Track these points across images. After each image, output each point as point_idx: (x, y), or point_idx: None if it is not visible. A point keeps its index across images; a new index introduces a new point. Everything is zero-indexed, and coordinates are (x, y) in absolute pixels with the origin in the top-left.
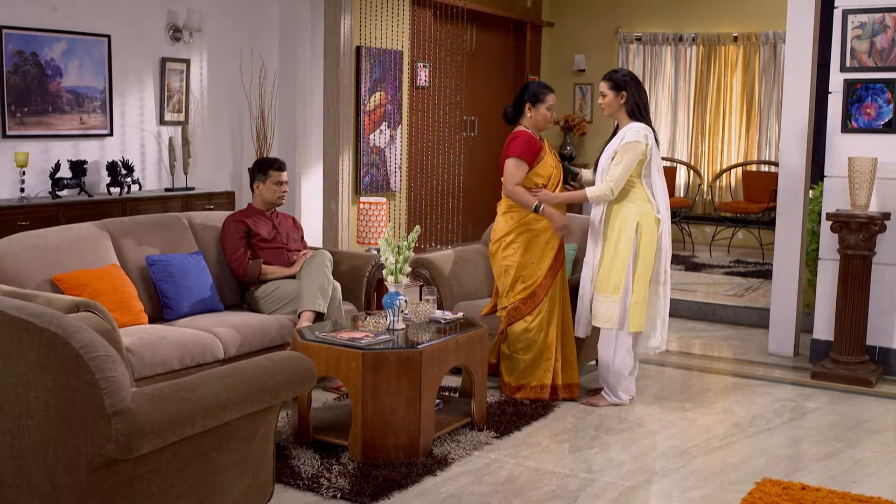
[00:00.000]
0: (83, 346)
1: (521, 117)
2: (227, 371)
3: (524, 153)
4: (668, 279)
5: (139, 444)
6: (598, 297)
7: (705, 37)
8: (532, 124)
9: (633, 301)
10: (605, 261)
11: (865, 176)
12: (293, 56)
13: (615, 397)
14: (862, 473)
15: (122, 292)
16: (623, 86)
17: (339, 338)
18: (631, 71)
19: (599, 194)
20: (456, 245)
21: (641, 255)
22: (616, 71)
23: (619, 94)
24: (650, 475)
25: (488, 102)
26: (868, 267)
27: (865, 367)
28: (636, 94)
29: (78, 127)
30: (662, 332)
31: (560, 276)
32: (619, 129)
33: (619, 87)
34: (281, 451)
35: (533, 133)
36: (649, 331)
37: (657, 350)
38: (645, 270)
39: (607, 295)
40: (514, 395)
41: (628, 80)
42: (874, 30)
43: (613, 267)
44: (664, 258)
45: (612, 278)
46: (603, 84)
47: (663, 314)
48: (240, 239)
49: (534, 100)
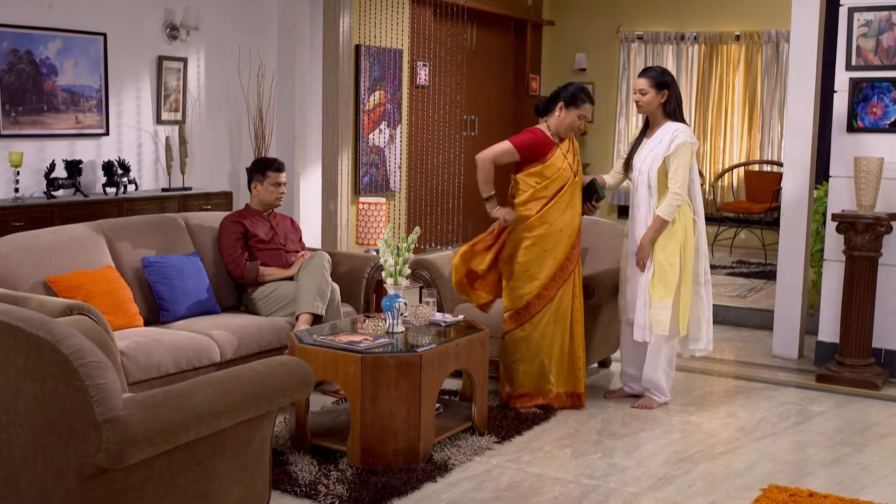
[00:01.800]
0: (73, 352)
1: (549, 114)
2: (221, 377)
3: (523, 148)
4: (708, 279)
5: (130, 453)
6: (652, 304)
7: (707, 35)
8: (556, 125)
9: (680, 304)
10: (657, 264)
11: (872, 176)
12: (292, 55)
13: (665, 396)
14: (870, 479)
15: (117, 294)
16: (665, 84)
17: (338, 341)
18: (667, 69)
19: (671, 210)
20: (456, 246)
21: (684, 257)
22: (652, 68)
23: (661, 92)
24: (654, 481)
25: (488, 102)
26: (874, 268)
27: (871, 370)
28: (677, 93)
29: (73, 126)
30: (708, 333)
31: (570, 284)
32: (650, 128)
33: (662, 86)
34: (278, 457)
35: (550, 135)
36: (695, 333)
37: (704, 352)
38: (688, 273)
39: (657, 301)
40: (513, 404)
41: (670, 79)
42: (880, 28)
43: (664, 271)
44: (703, 259)
45: (665, 283)
46: (642, 81)
47: (707, 315)
48: (237, 240)
49: (569, 101)
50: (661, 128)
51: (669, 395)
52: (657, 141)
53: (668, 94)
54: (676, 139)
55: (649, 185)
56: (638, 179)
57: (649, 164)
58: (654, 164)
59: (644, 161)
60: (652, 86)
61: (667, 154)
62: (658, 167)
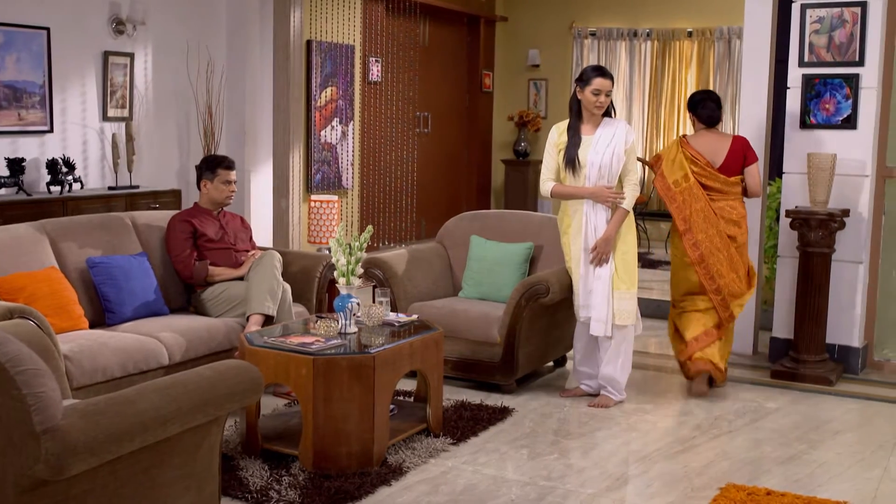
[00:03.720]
0: (9, 359)
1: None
2: (167, 382)
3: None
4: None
5: (71, 464)
6: (617, 295)
7: (660, 32)
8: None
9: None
10: (618, 256)
11: (825, 172)
12: (241, 50)
13: (621, 394)
14: (826, 476)
15: (61, 296)
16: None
17: (289, 343)
18: None
19: (632, 201)
20: (410, 244)
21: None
22: (604, 68)
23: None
24: (612, 482)
25: (442, 98)
26: (828, 264)
27: (825, 366)
28: None
29: (16, 123)
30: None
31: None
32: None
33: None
34: (228, 462)
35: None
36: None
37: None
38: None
39: (625, 291)
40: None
41: None
42: (832, 24)
43: (626, 261)
44: None
45: (629, 273)
46: (609, 83)
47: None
48: (185, 239)
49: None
50: (603, 124)
51: (625, 394)
52: (610, 136)
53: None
54: (629, 134)
55: (610, 180)
56: (595, 176)
57: (609, 160)
58: (614, 158)
59: (602, 156)
60: (612, 85)
61: (626, 148)
62: (622, 163)
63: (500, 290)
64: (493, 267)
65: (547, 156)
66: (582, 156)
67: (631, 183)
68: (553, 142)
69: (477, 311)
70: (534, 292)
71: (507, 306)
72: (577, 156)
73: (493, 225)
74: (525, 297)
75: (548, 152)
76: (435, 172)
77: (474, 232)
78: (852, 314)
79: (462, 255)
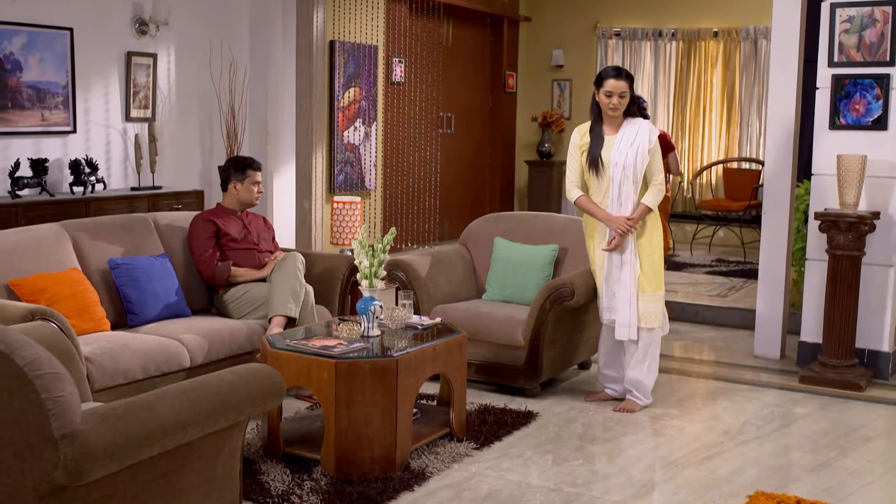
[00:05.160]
0: (28, 362)
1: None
2: (188, 387)
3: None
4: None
5: (90, 470)
6: (643, 298)
7: (685, 32)
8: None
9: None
10: (644, 258)
11: (854, 174)
12: (264, 51)
13: (648, 398)
14: (857, 485)
15: (83, 298)
16: (633, 83)
17: (311, 346)
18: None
19: (657, 200)
20: (433, 245)
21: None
22: (622, 69)
23: (632, 90)
24: (638, 488)
25: (465, 98)
26: (857, 267)
27: (855, 371)
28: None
29: (39, 124)
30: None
31: None
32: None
33: (632, 84)
34: (249, 466)
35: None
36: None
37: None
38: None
39: (651, 293)
40: None
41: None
42: (863, 24)
43: (653, 263)
44: None
45: (655, 274)
46: (624, 84)
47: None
48: (208, 239)
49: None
50: (625, 123)
51: (651, 398)
52: (633, 135)
53: (632, 92)
54: (653, 133)
55: (635, 180)
56: (620, 176)
57: (633, 159)
58: (638, 158)
59: (626, 156)
60: (629, 86)
61: (650, 147)
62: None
63: (525, 292)
64: (517, 269)
65: (570, 158)
66: (605, 156)
67: (656, 182)
68: (576, 144)
69: (501, 313)
70: (559, 295)
71: (531, 309)
72: (601, 156)
73: (517, 226)
74: (550, 299)
75: (571, 155)
76: (458, 173)
77: (498, 233)
78: (882, 318)
79: (486, 257)
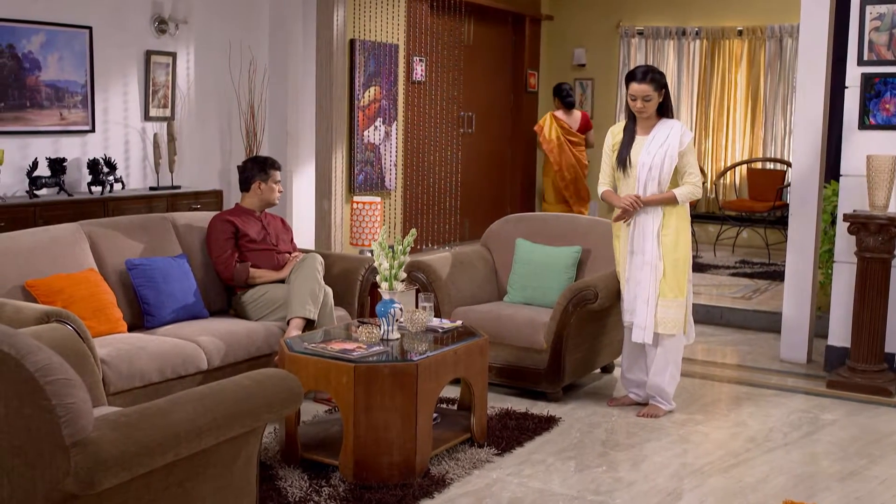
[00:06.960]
0: (39, 368)
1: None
2: (203, 392)
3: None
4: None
5: (102, 479)
6: (662, 302)
7: (709, 31)
8: None
9: (686, 302)
10: (668, 261)
11: (885, 175)
12: (284, 50)
13: (671, 404)
14: (889, 494)
15: (100, 299)
16: (664, 85)
17: (330, 349)
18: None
19: (687, 197)
20: (454, 245)
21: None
22: (648, 70)
23: (660, 93)
24: (663, 496)
25: (486, 98)
26: (887, 270)
27: (884, 376)
28: (667, 90)
29: (57, 123)
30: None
31: None
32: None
33: (662, 87)
34: (266, 472)
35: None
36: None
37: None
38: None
39: (671, 299)
40: None
41: (664, 77)
42: (894, 21)
43: (676, 269)
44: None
45: (678, 280)
46: (646, 87)
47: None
48: (227, 240)
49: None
50: (658, 125)
51: (674, 403)
52: (664, 137)
53: (664, 92)
54: (685, 135)
55: (660, 182)
56: (645, 177)
57: (660, 161)
58: (666, 160)
59: (653, 157)
60: (655, 89)
61: (680, 150)
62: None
63: (547, 294)
64: (539, 271)
65: (604, 157)
66: (633, 156)
67: (690, 182)
68: (609, 144)
69: (522, 316)
70: (581, 298)
71: (553, 312)
72: (629, 156)
73: (539, 228)
74: (573, 302)
75: (605, 154)
76: (479, 173)
77: (520, 235)
78: None
79: (507, 258)
